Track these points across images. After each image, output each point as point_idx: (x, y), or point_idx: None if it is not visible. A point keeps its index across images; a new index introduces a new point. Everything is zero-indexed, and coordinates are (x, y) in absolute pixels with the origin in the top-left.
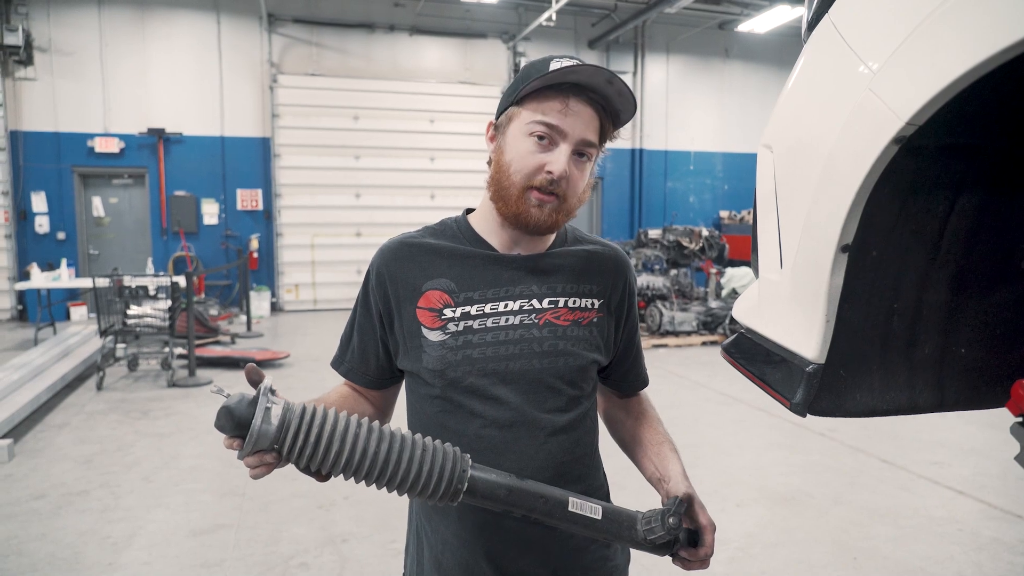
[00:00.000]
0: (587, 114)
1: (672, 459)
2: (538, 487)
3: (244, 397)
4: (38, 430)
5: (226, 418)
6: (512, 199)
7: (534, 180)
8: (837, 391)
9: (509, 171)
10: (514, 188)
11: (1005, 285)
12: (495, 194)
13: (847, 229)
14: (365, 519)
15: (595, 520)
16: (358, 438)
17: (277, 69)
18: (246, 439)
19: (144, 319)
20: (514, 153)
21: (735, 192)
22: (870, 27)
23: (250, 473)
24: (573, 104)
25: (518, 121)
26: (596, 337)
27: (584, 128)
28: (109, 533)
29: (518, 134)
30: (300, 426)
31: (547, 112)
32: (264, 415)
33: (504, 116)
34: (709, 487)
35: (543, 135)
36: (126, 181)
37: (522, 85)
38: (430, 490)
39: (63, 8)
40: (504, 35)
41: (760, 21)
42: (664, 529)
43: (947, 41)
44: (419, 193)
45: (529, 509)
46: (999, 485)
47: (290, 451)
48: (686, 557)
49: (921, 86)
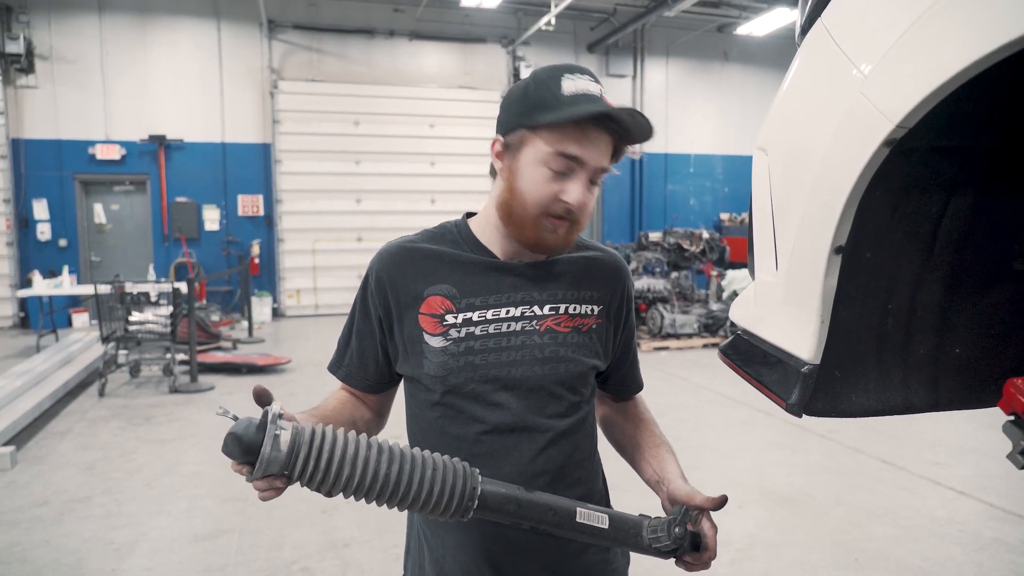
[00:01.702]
0: (604, 142)
1: (670, 461)
2: (546, 499)
3: (252, 422)
4: (40, 437)
5: (234, 445)
6: (527, 226)
7: (550, 209)
8: (833, 392)
9: (524, 199)
10: (528, 217)
11: (999, 285)
12: (506, 217)
13: (840, 231)
14: (367, 524)
15: (602, 529)
16: (368, 460)
17: (278, 75)
18: (255, 465)
19: (146, 325)
20: (529, 182)
21: (735, 194)
22: (861, 31)
23: (259, 496)
24: (592, 134)
25: (532, 148)
26: (595, 343)
27: (601, 156)
28: (112, 539)
29: (533, 162)
30: (310, 451)
31: (566, 144)
32: (273, 442)
33: (515, 137)
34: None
35: (563, 170)
36: (127, 188)
37: (538, 111)
38: (441, 508)
39: (64, 16)
40: (503, 39)
41: (758, 24)
42: (670, 539)
43: (936, 44)
44: (420, 197)
45: (538, 521)
46: (1000, 485)
47: (300, 475)
48: (690, 561)
49: (911, 89)
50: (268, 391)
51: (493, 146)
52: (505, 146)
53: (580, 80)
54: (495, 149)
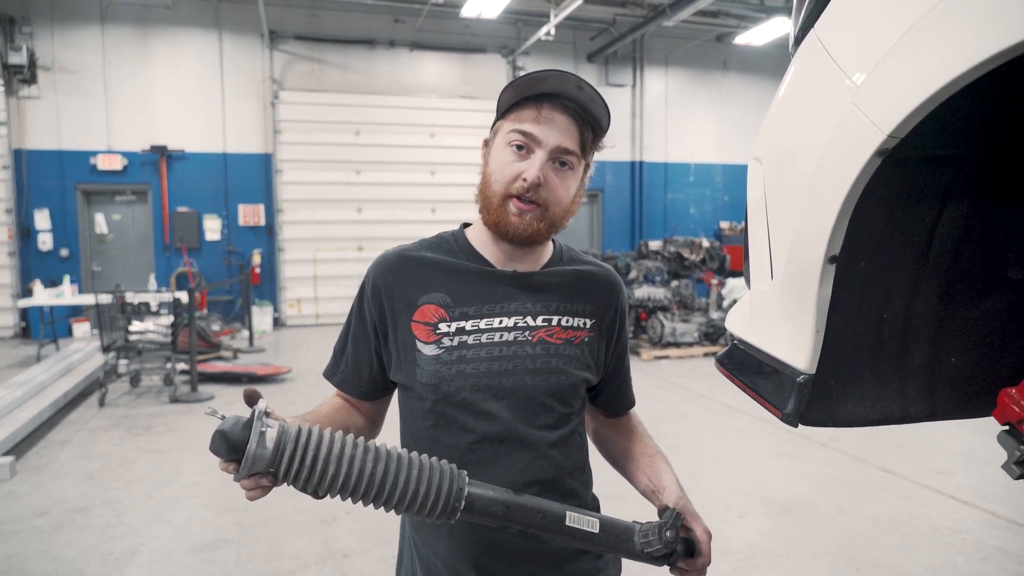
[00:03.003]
0: (562, 121)
1: (665, 470)
2: (535, 502)
3: (239, 420)
4: (40, 447)
5: (220, 442)
6: (493, 208)
7: (512, 188)
8: (828, 401)
9: (490, 181)
10: (495, 197)
11: (994, 294)
12: (481, 205)
13: (834, 240)
14: (366, 534)
15: (593, 534)
16: (354, 459)
17: (279, 85)
18: (241, 463)
19: (146, 335)
20: (495, 164)
21: (735, 203)
22: (854, 42)
23: (246, 495)
24: (546, 112)
25: (500, 133)
26: (587, 356)
27: (560, 135)
28: (111, 550)
29: (500, 145)
30: (296, 449)
31: (522, 121)
32: (259, 439)
33: (492, 131)
34: (712, 498)
35: (520, 144)
36: (129, 198)
37: (506, 102)
38: (427, 509)
39: (67, 27)
40: (503, 50)
41: (757, 33)
42: (662, 543)
43: (927, 54)
44: (420, 207)
45: (527, 524)
46: (1003, 494)
47: (286, 474)
48: (684, 568)
49: (903, 99)
50: (257, 391)
51: (482, 148)
52: (486, 142)
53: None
54: (482, 150)
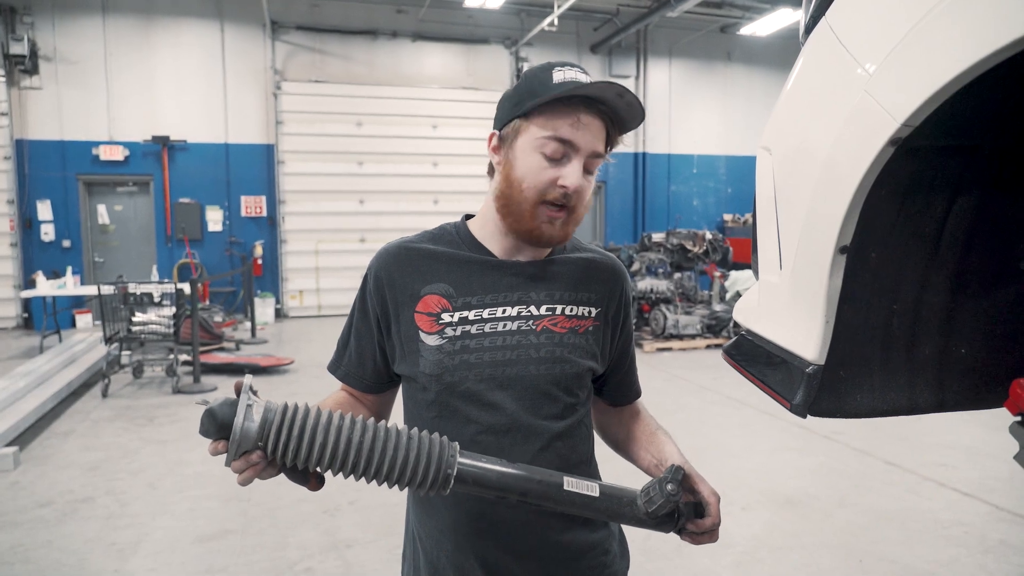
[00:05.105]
0: (596, 126)
1: (667, 442)
2: (530, 469)
3: (226, 400)
4: (44, 437)
5: (209, 421)
6: (525, 215)
7: (548, 195)
8: (837, 392)
9: (521, 187)
10: (526, 204)
11: (1004, 285)
12: (504, 208)
13: (845, 231)
14: (370, 525)
15: (593, 498)
16: (341, 429)
17: (281, 76)
18: (230, 440)
19: (149, 326)
20: (525, 168)
21: (739, 195)
22: (866, 30)
23: (238, 479)
24: (584, 118)
25: (527, 136)
26: (592, 345)
27: (594, 140)
28: (115, 540)
29: (528, 149)
30: (283, 420)
31: (559, 127)
32: (246, 412)
33: (510, 128)
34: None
35: (560, 153)
36: (131, 189)
37: (529, 100)
38: (419, 478)
39: (68, 18)
40: (506, 40)
41: (762, 24)
42: (663, 497)
43: (941, 43)
44: (423, 198)
45: (523, 492)
46: (1006, 487)
47: (275, 447)
48: (693, 530)
49: (916, 88)
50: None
51: (490, 141)
52: (500, 139)
53: (570, 71)
54: (491, 144)
